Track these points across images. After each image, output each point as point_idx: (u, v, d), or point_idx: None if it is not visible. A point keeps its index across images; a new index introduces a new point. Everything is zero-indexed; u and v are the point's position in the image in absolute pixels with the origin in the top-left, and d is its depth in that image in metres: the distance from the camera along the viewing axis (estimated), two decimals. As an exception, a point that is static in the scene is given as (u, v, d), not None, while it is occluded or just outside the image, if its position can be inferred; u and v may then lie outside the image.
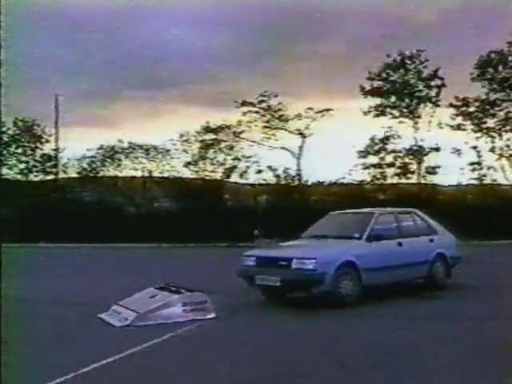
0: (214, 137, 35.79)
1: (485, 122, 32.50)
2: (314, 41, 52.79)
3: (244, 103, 34.62)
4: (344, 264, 11.13)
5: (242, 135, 35.33)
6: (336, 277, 10.92)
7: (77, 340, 8.91)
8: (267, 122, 34.97)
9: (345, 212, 14.26)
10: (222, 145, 35.60)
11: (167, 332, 8.94)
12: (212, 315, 10.00)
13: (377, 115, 33.78)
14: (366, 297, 11.31)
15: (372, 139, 33.69)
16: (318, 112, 34.13)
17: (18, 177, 38.23)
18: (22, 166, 38.24)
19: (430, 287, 12.78)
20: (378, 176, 33.70)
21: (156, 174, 37.09)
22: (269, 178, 34.45)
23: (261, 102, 34.62)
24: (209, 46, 50.86)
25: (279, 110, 34.69)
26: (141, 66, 51.00)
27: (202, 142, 35.79)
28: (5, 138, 37.93)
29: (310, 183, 35.07)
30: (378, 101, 33.73)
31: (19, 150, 38.27)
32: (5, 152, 37.95)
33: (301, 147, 34.47)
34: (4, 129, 37.84)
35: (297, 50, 49.43)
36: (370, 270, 11.33)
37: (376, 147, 33.66)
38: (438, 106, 33.06)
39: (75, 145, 42.01)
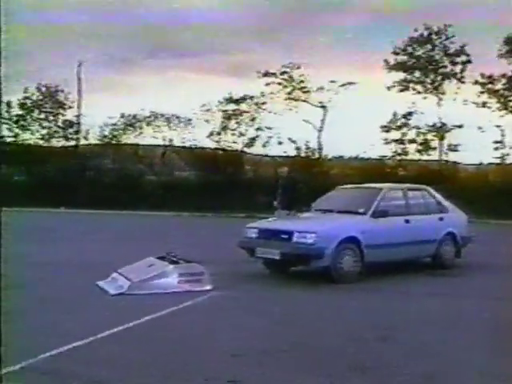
0: (236, 107, 35.71)
1: (511, 100, 32.06)
2: (339, 12, 52.32)
3: (266, 74, 34.43)
4: (346, 240, 10.88)
5: (263, 106, 35.20)
6: (337, 252, 10.70)
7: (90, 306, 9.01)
8: (289, 93, 34.79)
9: (353, 186, 14.12)
10: (244, 115, 35.52)
11: (179, 302, 8.98)
12: (208, 287, 9.84)
13: (400, 90, 33.49)
14: (370, 273, 11.15)
15: (394, 114, 33.46)
16: (341, 85, 33.88)
17: (40, 142, 38.51)
18: (44, 131, 38.49)
19: (437, 266, 12.53)
20: (399, 152, 33.48)
21: (177, 143, 37.19)
22: (289, 150, 34.33)
23: (283, 73, 34.40)
24: (231, 16, 50.59)
25: (302, 81, 34.47)
26: (164, 35, 50.96)
27: (224, 112, 35.73)
28: (28, 104, 38.15)
29: (330, 157, 34.97)
30: (401, 75, 33.42)
31: (42, 116, 38.49)
32: (28, 117, 38.18)
33: (322, 120, 34.33)
34: (28, 94, 38.06)
35: (320, 22, 48.89)
36: (373, 247, 11.06)
37: (398, 122, 33.42)
38: (463, 82, 32.66)
39: (97, 112, 42.03)
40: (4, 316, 7.63)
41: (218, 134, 35.70)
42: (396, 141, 33.40)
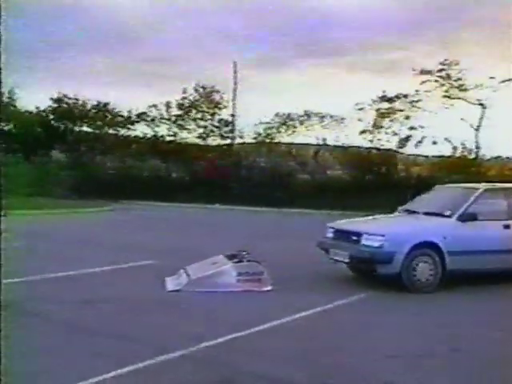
0: (389, 106, 35.12)
1: None
2: (493, 6, 50.05)
3: (422, 71, 33.55)
4: (422, 244, 9.95)
5: (418, 104, 34.35)
6: (409, 258, 9.82)
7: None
8: (446, 91, 33.70)
9: (452, 186, 13.21)
10: (398, 114, 34.85)
11: (331, 301, 8.95)
12: (268, 288, 9.67)
13: None
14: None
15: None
16: (501, 82, 32.36)
17: (197, 141, 39.83)
18: (201, 130, 39.75)
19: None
20: None
21: (330, 141, 37.14)
22: (444, 149, 33.26)
23: (440, 70, 33.37)
24: (383, 13, 49.87)
25: (459, 79, 33.28)
26: (316, 34, 51.13)
27: (377, 110, 35.26)
28: (186, 104, 39.60)
29: (488, 157, 33.53)
30: None
31: (198, 115, 39.77)
32: (185, 117, 39.64)
33: (480, 119, 32.96)
34: (186, 94, 39.51)
35: (475, 17, 47.04)
36: (458, 254, 10.03)
37: None
38: None
39: (251, 111, 42.90)
40: (161, 305, 7.97)
41: (371, 132, 35.27)
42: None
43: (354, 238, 10.29)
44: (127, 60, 61.91)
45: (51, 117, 41.48)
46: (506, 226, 10.63)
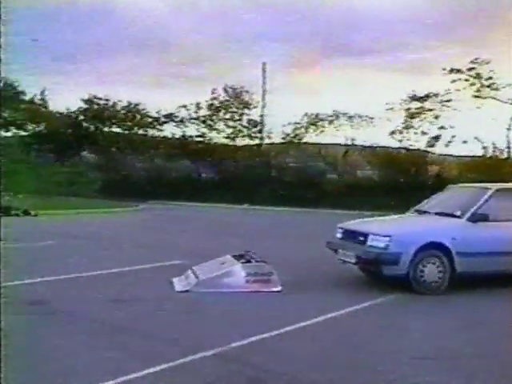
0: (419, 105, 34.84)
1: None
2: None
3: (452, 70, 33.21)
4: (429, 245, 9.64)
5: (448, 104, 34.01)
6: (417, 259, 9.55)
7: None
8: (477, 90, 33.32)
9: (465, 185, 12.85)
10: (427, 114, 34.54)
11: (358, 302, 8.90)
12: (278, 288, 9.52)
13: None
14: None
15: None
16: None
17: (226, 141, 39.91)
18: (230, 130, 39.83)
19: None
20: None
21: (359, 142, 36.97)
22: (475, 149, 32.89)
23: (470, 69, 32.99)
24: (410, 13, 49.48)
25: (490, 78, 32.89)
26: (344, 34, 50.96)
27: (407, 110, 34.99)
28: (215, 104, 39.70)
29: (520, 157, 33.07)
30: None
31: (227, 116, 39.86)
32: (214, 117, 39.76)
33: (512, 118, 32.54)
34: (215, 95, 39.60)
35: (506, 15, 46.42)
36: (468, 255, 9.70)
37: None
38: None
39: (280, 111, 42.92)
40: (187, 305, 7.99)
41: (400, 132, 35.03)
42: None
43: (361, 238, 10.10)
44: (156, 62, 62.18)
45: (82, 118, 41.88)
46: None
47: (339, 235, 10.90)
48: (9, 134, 42.93)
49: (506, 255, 9.96)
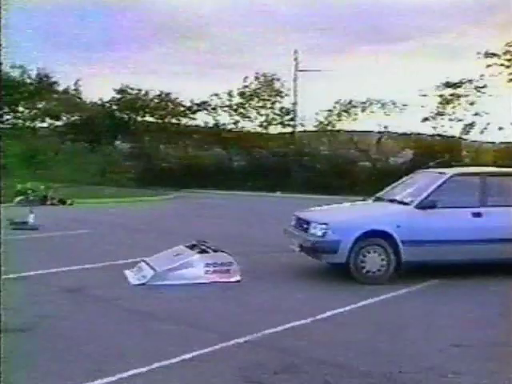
0: (453, 91, 34.40)
1: None
2: None
3: (487, 54, 32.63)
4: (371, 233, 9.28)
5: (483, 90, 33.50)
6: (357, 248, 9.20)
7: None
8: (513, 74, 32.72)
9: (429, 171, 12.14)
10: (462, 100, 34.11)
11: (394, 290, 8.86)
12: (237, 278, 9.26)
13: None
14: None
15: None
16: None
17: (258, 129, 39.90)
18: (262, 118, 39.80)
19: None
20: None
21: (392, 129, 36.66)
22: (511, 136, 32.37)
23: (506, 52, 32.39)
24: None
25: (526, 61, 32.29)
26: (374, 21, 50.55)
27: (440, 96, 34.58)
28: (247, 92, 39.68)
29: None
30: None
31: (260, 104, 39.82)
32: (246, 105, 39.76)
33: (549, 103, 31.93)
34: (246, 83, 39.56)
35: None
36: (414, 244, 9.29)
37: None
38: None
39: (312, 99, 42.73)
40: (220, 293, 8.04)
41: (434, 119, 34.65)
42: None
43: (305, 226, 9.89)
44: (188, 51, 62.42)
45: (115, 108, 42.20)
46: (476, 214, 9.68)
47: (293, 222, 10.58)
48: (44, 124, 43.56)
49: (459, 244, 9.47)
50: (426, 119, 34.62)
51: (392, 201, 10.35)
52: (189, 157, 39.56)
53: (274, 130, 40.09)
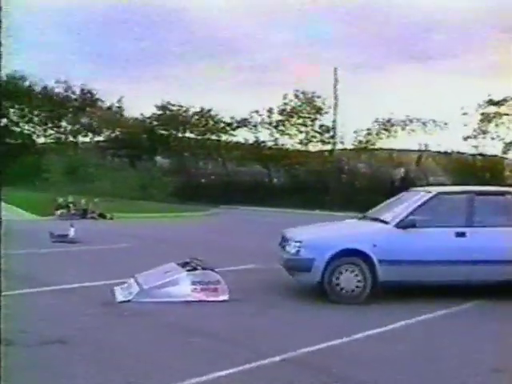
0: (496, 110, 34.01)
1: None
2: None
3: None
4: (346, 252, 9.04)
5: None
6: (332, 266, 8.96)
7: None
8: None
9: (417, 189, 11.62)
10: (504, 118, 33.69)
11: (432, 311, 8.74)
12: (225, 297, 9.02)
13: None
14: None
15: None
16: None
17: (298, 146, 39.97)
18: (302, 136, 39.87)
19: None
20: None
21: (432, 147, 36.38)
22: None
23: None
24: (482, 15, 48.39)
25: None
26: (413, 38, 50.31)
27: (482, 114, 34.21)
28: (287, 109, 39.80)
29: None
30: None
31: (300, 121, 39.90)
32: (286, 122, 39.87)
33: None
34: (286, 100, 39.65)
35: None
36: (392, 263, 9.00)
37: None
38: None
39: (352, 116, 42.61)
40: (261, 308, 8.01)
41: (475, 137, 34.29)
42: None
43: (285, 243, 9.77)
44: (228, 68, 62.80)
45: (155, 123, 42.69)
46: (460, 234, 9.35)
47: (280, 240, 10.38)
48: (86, 139, 44.30)
49: (440, 264, 9.20)
50: (467, 138, 34.31)
51: (375, 219, 10.12)
52: (228, 173, 39.78)
53: (314, 147, 40.11)
